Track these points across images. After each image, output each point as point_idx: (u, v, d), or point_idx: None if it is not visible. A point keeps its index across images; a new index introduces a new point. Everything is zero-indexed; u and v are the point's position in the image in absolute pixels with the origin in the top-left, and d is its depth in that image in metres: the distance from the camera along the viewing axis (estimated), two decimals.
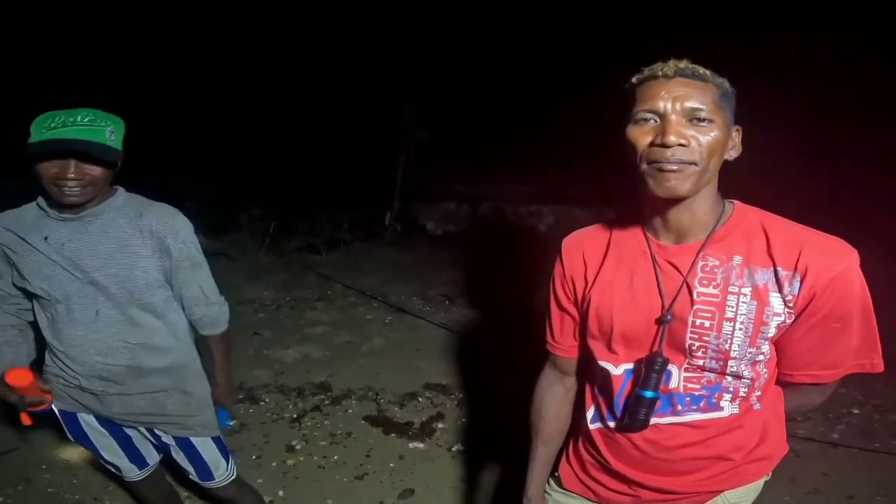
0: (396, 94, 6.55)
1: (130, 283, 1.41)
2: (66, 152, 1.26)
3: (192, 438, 1.60)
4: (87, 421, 1.57)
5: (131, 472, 1.68)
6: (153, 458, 1.72)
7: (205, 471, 1.66)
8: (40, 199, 1.41)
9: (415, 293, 4.68)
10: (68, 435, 1.61)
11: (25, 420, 1.50)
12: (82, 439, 1.61)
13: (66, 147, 1.25)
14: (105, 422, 1.57)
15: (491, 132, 7.52)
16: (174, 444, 1.61)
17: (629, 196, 0.99)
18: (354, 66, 7.75)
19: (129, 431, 1.62)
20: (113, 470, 1.69)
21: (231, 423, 1.65)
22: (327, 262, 5.59)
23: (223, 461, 1.68)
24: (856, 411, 2.85)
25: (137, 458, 1.67)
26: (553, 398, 1.20)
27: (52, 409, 1.54)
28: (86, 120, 1.30)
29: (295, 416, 2.80)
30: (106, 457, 1.64)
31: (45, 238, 1.37)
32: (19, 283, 1.42)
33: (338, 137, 7.48)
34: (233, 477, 1.72)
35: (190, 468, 1.65)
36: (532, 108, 7.64)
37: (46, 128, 1.27)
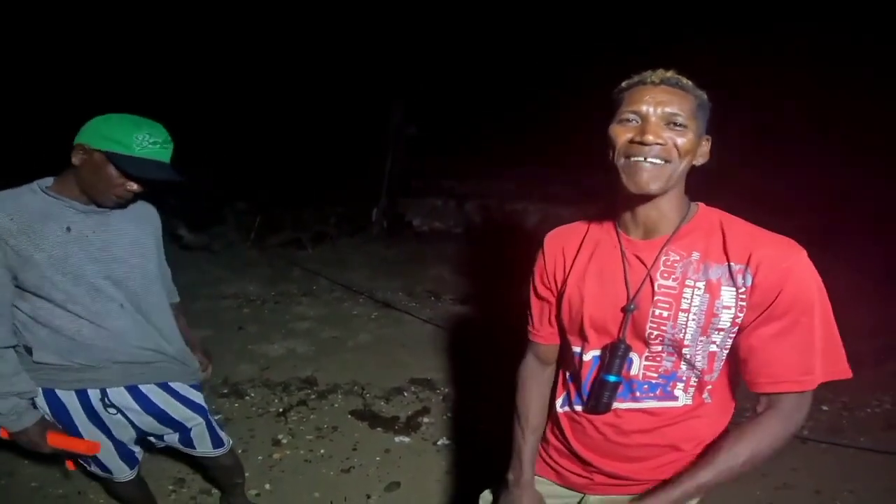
0: (384, 90, 6.55)
1: (145, 276, 1.50)
2: (157, 181, 1.35)
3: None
4: (89, 407, 1.51)
5: (123, 473, 1.65)
6: (139, 454, 1.71)
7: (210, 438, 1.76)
8: (45, 187, 1.34)
9: (401, 289, 4.71)
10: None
11: (70, 466, 1.61)
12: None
13: (166, 178, 1.35)
14: (97, 420, 1.53)
15: (478, 129, 7.55)
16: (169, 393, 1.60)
17: (608, 195, 1.09)
18: (343, 62, 7.71)
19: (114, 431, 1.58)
20: (103, 474, 1.65)
21: None
22: (313, 257, 5.59)
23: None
24: (825, 408, 2.96)
25: (128, 457, 1.65)
26: (537, 386, 1.27)
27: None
28: (168, 141, 1.39)
29: (281, 410, 2.82)
30: (100, 459, 1.59)
31: (68, 228, 1.34)
32: (29, 282, 1.32)
33: (325, 133, 7.45)
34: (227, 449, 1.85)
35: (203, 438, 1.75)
36: (519, 107, 7.69)
37: (146, 144, 1.33)
